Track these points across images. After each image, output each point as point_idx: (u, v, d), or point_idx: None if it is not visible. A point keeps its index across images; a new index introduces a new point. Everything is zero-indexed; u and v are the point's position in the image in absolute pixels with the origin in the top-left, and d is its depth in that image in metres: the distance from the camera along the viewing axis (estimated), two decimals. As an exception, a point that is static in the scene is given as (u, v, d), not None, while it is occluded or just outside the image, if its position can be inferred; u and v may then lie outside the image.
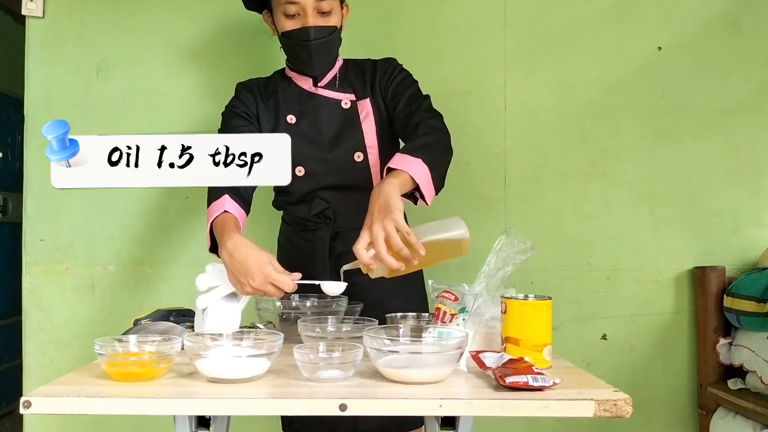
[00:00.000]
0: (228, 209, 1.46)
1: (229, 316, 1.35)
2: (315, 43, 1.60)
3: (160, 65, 2.26)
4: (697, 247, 2.28)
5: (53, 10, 2.24)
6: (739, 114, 2.30)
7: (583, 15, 2.29)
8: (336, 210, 1.68)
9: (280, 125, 1.67)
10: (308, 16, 1.58)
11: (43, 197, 2.22)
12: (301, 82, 1.72)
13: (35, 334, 2.22)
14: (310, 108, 1.69)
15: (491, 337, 1.30)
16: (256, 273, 1.30)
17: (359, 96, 1.70)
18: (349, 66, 1.75)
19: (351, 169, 1.66)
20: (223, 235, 1.39)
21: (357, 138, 1.66)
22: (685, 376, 2.27)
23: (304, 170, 1.66)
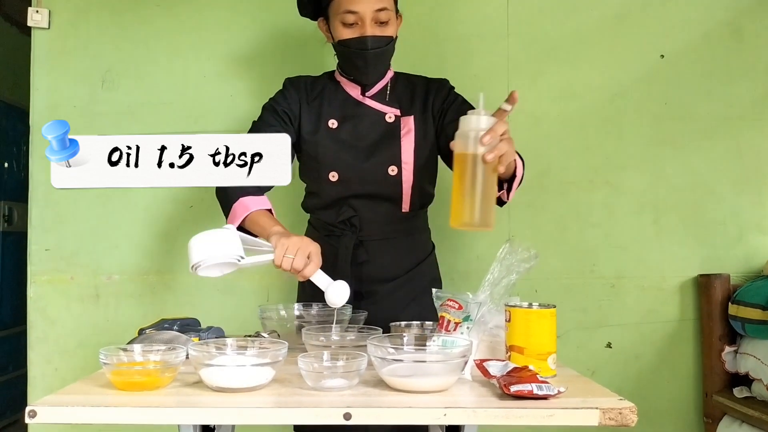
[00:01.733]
0: (271, 210, 1.51)
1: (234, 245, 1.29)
2: (372, 52, 1.61)
3: (165, 76, 2.27)
4: (702, 255, 2.27)
5: (59, 21, 2.25)
6: (743, 121, 2.30)
7: (585, 23, 2.30)
8: (363, 218, 1.69)
9: (321, 128, 1.68)
10: (366, 25, 1.59)
11: (48, 207, 2.23)
12: (350, 88, 1.72)
13: (40, 344, 2.23)
14: (353, 116, 1.70)
15: (495, 345, 1.29)
16: (306, 243, 1.35)
17: (404, 112, 1.70)
18: (399, 79, 1.76)
19: (384, 182, 1.67)
20: (279, 223, 1.45)
21: (394, 152, 1.66)
22: (691, 385, 2.26)
23: (337, 176, 1.67)
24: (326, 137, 1.68)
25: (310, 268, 1.34)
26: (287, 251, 1.32)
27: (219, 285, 2.23)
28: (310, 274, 1.34)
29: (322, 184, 1.70)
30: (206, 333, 1.42)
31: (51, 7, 2.24)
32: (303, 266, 1.33)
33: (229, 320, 2.06)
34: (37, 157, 2.23)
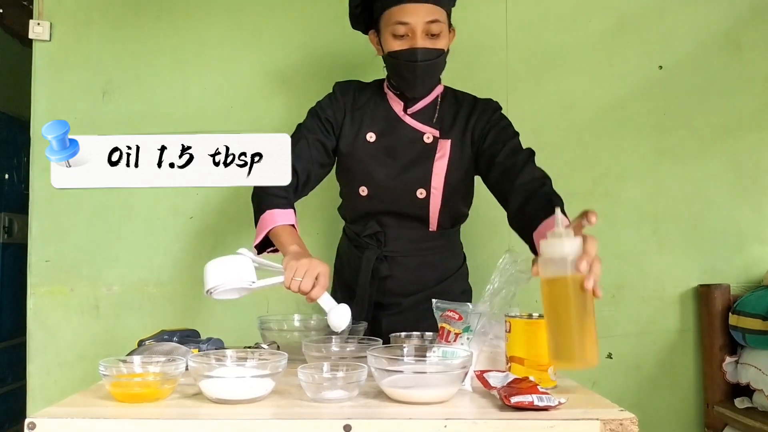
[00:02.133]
0: (296, 225, 1.51)
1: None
2: (421, 64, 1.58)
3: (165, 88, 2.28)
4: (702, 265, 2.27)
5: (60, 34, 2.26)
6: (742, 132, 2.30)
7: (584, 35, 2.31)
8: (388, 235, 1.69)
9: (358, 140, 1.67)
10: (417, 37, 1.56)
11: (48, 218, 2.23)
12: (394, 103, 1.70)
13: (39, 355, 2.22)
14: (392, 132, 1.68)
15: (496, 356, 1.29)
16: (314, 266, 1.34)
17: (443, 134, 1.67)
18: (447, 96, 1.72)
19: (411, 203, 1.66)
20: (299, 242, 1.45)
21: (425, 175, 1.64)
22: (692, 395, 2.26)
23: (367, 191, 1.67)
24: (362, 150, 1.67)
25: (316, 291, 1.34)
26: (296, 274, 1.33)
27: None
28: (316, 297, 1.34)
29: (352, 196, 1.71)
30: (206, 344, 1.42)
31: (52, 19, 2.26)
32: (310, 289, 1.33)
33: (228, 331, 2.05)
34: (37, 168, 2.23)
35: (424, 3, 1.55)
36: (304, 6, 2.30)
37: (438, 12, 1.57)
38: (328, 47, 2.29)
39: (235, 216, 2.24)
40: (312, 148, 1.64)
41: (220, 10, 2.29)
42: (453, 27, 1.67)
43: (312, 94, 2.23)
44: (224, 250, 2.21)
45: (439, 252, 1.74)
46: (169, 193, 2.24)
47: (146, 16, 2.28)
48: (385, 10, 1.60)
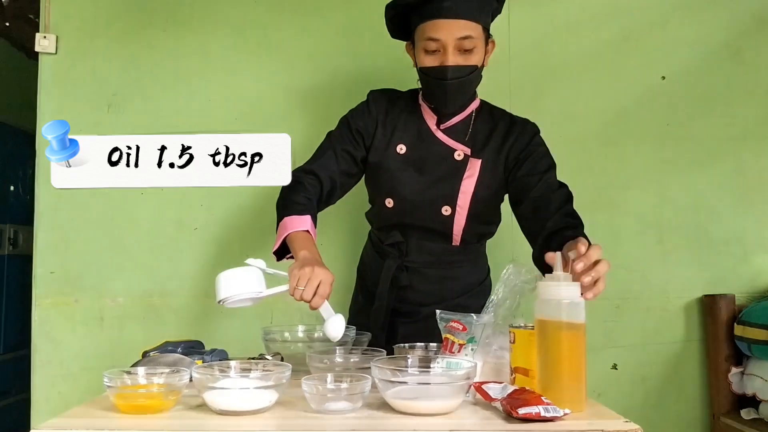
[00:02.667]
0: (310, 231, 1.50)
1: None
2: (451, 82, 1.55)
3: (170, 100, 2.29)
4: (706, 275, 2.27)
5: (66, 47, 2.28)
6: (745, 141, 2.30)
7: (586, 46, 2.32)
8: (410, 246, 1.69)
9: (389, 150, 1.66)
10: (448, 54, 1.53)
11: (53, 230, 2.24)
12: (428, 116, 1.67)
13: (44, 367, 2.22)
14: (423, 146, 1.65)
15: (500, 367, 1.29)
16: (317, 274, 1.33)
17: (475, 152, 1.64)
18: (482, 112, 1.69)
19: (435, 219, 1.65)
20: (310, 248, 1.45)
21: (452, 192, 1.62)
22: (698, 406, 2.24)
23: (393, 203, 1.67)
24: (391, 162, 1.66)
25: (315, 300, 1.34)
26: (298, 283, 1.33)
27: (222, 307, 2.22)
28: (317, 306, 1.35)
29: (379, 205, 1.71)
30: (210, 355, 1.42)
31: (58, 32, 2.28)
32: (310, 298, 1.33)
33: (232, 342, 2.05)
34: (43, 180, 2.25)
35: (456, 19, 1.52)
36: (308, 18, 2.32)
37: (471, 27, 1.53)
38: (332, 59, 2.31)
39: (239, 227, 2.24)
40: (339, 159, 1.64)
41: (224, 23, 2.31)
42: (492, 39, 1.63)
43: (316, 105, 2.27)
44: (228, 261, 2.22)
45: (461, 266, 1.73)
46: (173, 204, 2.25)
47: (151, 29, 2.30)
48: (419, 24, 1.57)
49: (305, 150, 1.69)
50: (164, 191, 2.24)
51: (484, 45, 1.59)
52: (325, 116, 2.00)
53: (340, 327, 1.35)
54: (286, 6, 2.31)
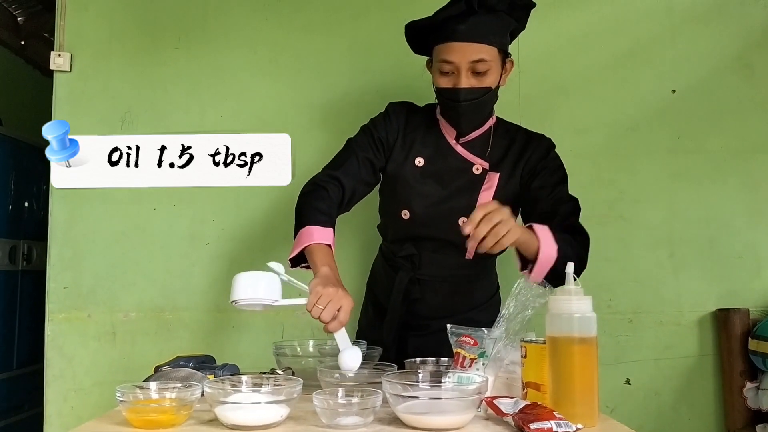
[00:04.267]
0: (331, 245, 1.49)
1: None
2: (463, 104, 1.57)
3: (183, 116, 2.30)
4: (719, 289, 2.25)
5: (80, 64, 2.31)
6: (756, 154, 2.29)
7: (596, 60, 2.33)
8: (423, 258, 1.69)
9: (407, 163, 1.67)
10: (461, 76, 1.54)
11: (66, 246, 2.26)
12: (446, 130, 1.68)
13: (56, 382, 2.23)
14: (442, 159, 1.67)
15: (511, 382, 1.28)
16: (339, 297, 1.32)
17: (493, 166, 1.65)
18: (499, 129, 1.71)
19: (452, 231, 1.63)
20: (331, 264, 1.43)
21: (470, 205, 1.61)
22: (712, 422, 2.22)
23: (409, 215, 1.67)
24: (409, 174, 1.66)
25: (333, 325, 1.31)
26: (319, 301, 1.31)
27: (234, 322, 2.24)
28: (333, 331, 1.32)
29: (393, 217, 1.71)
30: (221, 370, 1.42)
31: (73, 51, 2.31)
32: (329, 320, 1.31)
33: (243, 357, 2.06)
34: (56, 196, 2.26)
35: (470, 42, 1.53)
36: (320, 35, 2.34)
37: (485, 50, 1.54)
38: (343, 76, 2.32)
39: (250, 242, 2.25)
40: (361, 166, 1.64)
41: (237, 39, 2.33)
42: (510, 59, 1.64)
43: (327, 122, 2.28)
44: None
45: (472, 280, 1.74)
46: (185, 219, 2.26)
47: (164, 46, 2.33)
48: (435, 45, 1.59)
49: (317, 167, 1.70)
50: (176, 207, 2.26)
51: (500, 66, 1.60)
52: (336, 133, 2.01)
53: (356, 360, 1.32)
54: (296, 24, 2.33)
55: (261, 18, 2.34)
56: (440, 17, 1.56)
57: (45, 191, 2.40)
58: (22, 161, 3.16)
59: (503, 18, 1.58)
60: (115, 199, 2.27)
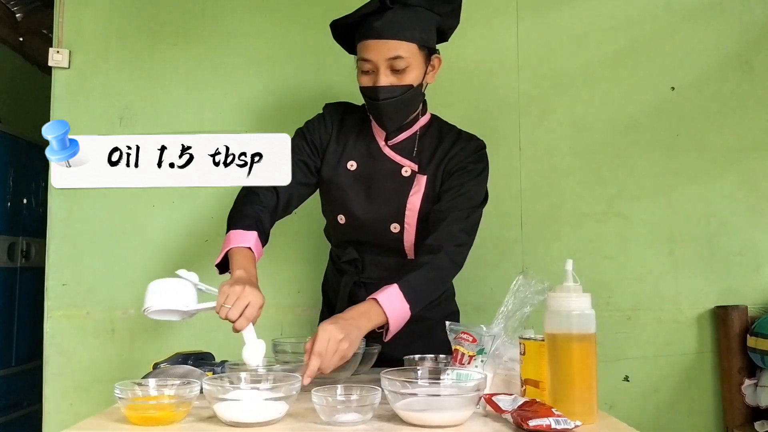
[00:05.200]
0: (253, 248, 1.47)
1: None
2: (383, 103, 1.54)
3: (182, 113, 2.31)
4: (718, 286, 2.25)
5: (78, 61, 2.31)
6: (756, 152, 2.29)
7: (595, 57, 2.32)
8: (365, 261, 1.69)
9: (340, 167, 1.66)
10: (380, 74, 1.52)
11: (65, 243, 2.26)
12: (377, 132, 1.67)
13: (55, 379, 2.23)
14: (372, 163, 1.65)
15: (510, 379, 1.28)
16: (246, 294, 1.31)
17: (421, 169, 1.62)
18: (431, 129, 1.67)
19: (385, 236, 1.64)
20: (247, 267, 1.42)
21: (399, 211, 1.62)
22: (711, 419, 2.22)
23: (344, 219, 1.67)
24: (342, 178, 1.65)
25: (240, 322, 1.30)
26: (226, 300, 1.30)
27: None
28: (240, 328, 1.31)
29: (332, 221, 1.71)
30: (220, 367, 1.42)
31: (71, 47, 2.30)
32: (236, 318, 1.29)
33: (243, 354, 2.06)
34: (55, 193, 2.27)
35: (386, 39, 1.50)
36: (318, 33, 2.33)
37: (402, 47, 1.51)
38: (343, 73, 2.31)
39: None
40: (295, 168, 1.59)
41: (235, 37, 2.33)
42: (438, 56, 1.61)
43: (325, 117, 2.27)
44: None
45: None
46: (184, 217, 2.26)
47: (163, 43, 2.32)
48: (357, 44, 1.58)
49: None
50: (175, 204, 2.26)
51: (423, 63, 1.57)
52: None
53: (259, 354, 1.31)
54: (296, 19, 2.33)
55: (260, 16, 2.34)
56: (357, 15, 1.53)
57: (44, 188, 2.39)
58: (20, 158, 3.16)
59: (422, 13, 1.54)
60: (114, 196, 2.27)
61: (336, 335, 1.29)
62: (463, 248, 1.56)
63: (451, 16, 1.62)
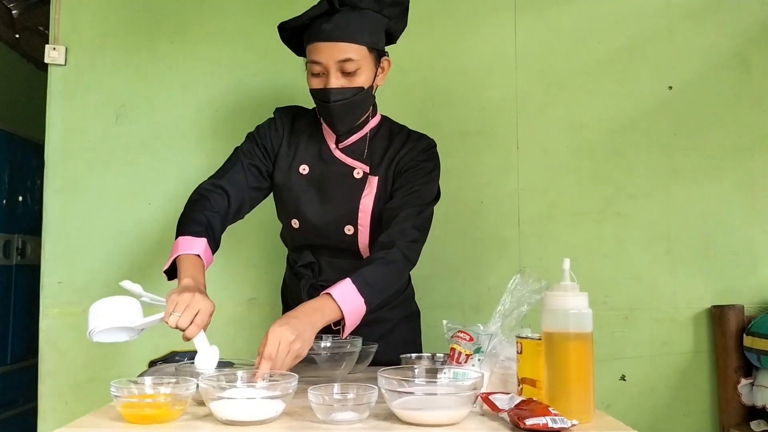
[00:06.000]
0: (201, 255, 1.45)
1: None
2: (334, 105, 1.54)
3: (178, 110, 2.30)
4: (715, 286, 2.25)
5: (75, 58, 2.30)
6: (753, 151, 2.30)
7: (593, 56, 2.33)
8: (322, 264, 1.69)
9: (292, 171, 1.66)
10: (330, 76, 1.52)
11: (61, 240, 2.25)
12: (328, 135, 1.67)
13: (51, 377, 2.23)
14: (324, 166, 1.65)
15: (507, 377, 1.28)
16: (196, 302, 1.29)
17: (372, 170, 1.63)
18: (381, 130, 1.68)
19: (339, 239, 1.64)
20: (195, 275, 1.41)
21: (352, 213, 1.62)
22: (707, 418, 2.23)
23: (298, 224, 1.66)
24: (294, 183, 1.65)
25: (190, 330, 1.28)
26: (176, 309, 1.28)
27: (229, 318, 2.23)
28: (191, 336, 1.29)
29: (287, 226, 1.71)
30: (216, 366, 1.41)
31: (67, 44, 2.29)
32: (186, 326, 1.28)
33: (239, 353, 2.05)
34: (51, 191, 2.26)
35: (335, 42, 1.50)
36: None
37: (352, 49, 1.51)
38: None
39: (245, 237, 2.25)
40: (247, 173, 1.62)
41: (232, 34, 2.32)
42: (387, 58, 1.62)
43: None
44: (235, 271, 2.23)
45: None
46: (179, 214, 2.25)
47: (159, 40, 2.32)
48: (306, 46, 1.57)
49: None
50: (171, 201, 2.25)
51: (373, 65, 1.57)
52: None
53: (213, 361, 1.30)
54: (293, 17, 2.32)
55: (256, 13, 2.33)
56: (306, 17, 1.53)
57: (39, 185, 2.38)
58: (16, 155, 3.15)
59: (371, 15, 1.54)
60: (110, 193, 2.26)
61: (287, 337, 1.26)
62: (416, 244, 1.54)
63: (400, 18, 1.63)
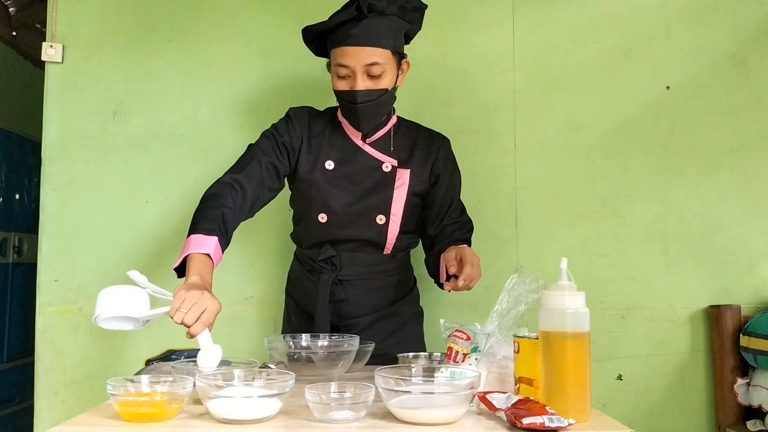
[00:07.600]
0: (212, 254, 1.45)
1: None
2: (361, 106, 1.62)
3: (175, 109, 2.30)
4: (712, 286, 2.26)
5: (72, 56, 2.29)
6: (750, 151, 2.30)
7: (591, 55, 2.32)
8: (343, 259, 1.72)
9: (317, 168, 1.70)
10: (357, 79, 1.60)
11: (58, 238, 2.24)
12: (351, 132, 1.73)
13: (47, 375, 2.22)
14: (351, 160, 1.71)
15: (504, 377, 1.28)
16: (203, 300, 1.29)
17: (401, 164, 1.72)
18: (402, 127, 1.78)
19: (370, 229, 1.70)
20: (203, 273, 1.41)
21: (386, 201, 1.69)
22: (703, 418, 2.23)
23: (326, 218, 1.69)
24: (321, 178, 1.69)
25: (195, 327, 1.27)
26: (182, 305, 1.28)
27: (226, 316, 2.22)
28: (196, 333, 1.29)
29: (310, 222, 1.73)
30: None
31: (65, 42, 2.29)
32: (192, 323, 1.28)
33: (236, 351, 2.06)
34: (48, 188, 2.25)
35: (363, 46, 1.58)
36: (312, 28, 2.33)
37: (378, 53, 1.59)
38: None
39: (242, 236, 2.24)
40: (264, 171, 1.64)
41: (230, 31, 2.32)
42: (406, 60, 1.70)
43: (320, 114, 2.26)
44: (232, 269, 2.22)
45: (392, 274, 1.78)
46: (177, 212, 2.25)
47: (157, 37, 2.31)
48: (331, 49, 1.64)
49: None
50: (168, 200, 2.25)
51: (395, 67, 1.65)
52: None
53: (216, 359, 1.29)
54: (290, 15, 2.32)
55: (255, 11, 2.33)
56: (333, 22, 1.60)
57: (36, 183, 2.38)
58: (13, 153, 3.14)
59: (395, 21, 1.63)
60: (107, 191, 2.26)
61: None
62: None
63: (418, 22, 1.72)
